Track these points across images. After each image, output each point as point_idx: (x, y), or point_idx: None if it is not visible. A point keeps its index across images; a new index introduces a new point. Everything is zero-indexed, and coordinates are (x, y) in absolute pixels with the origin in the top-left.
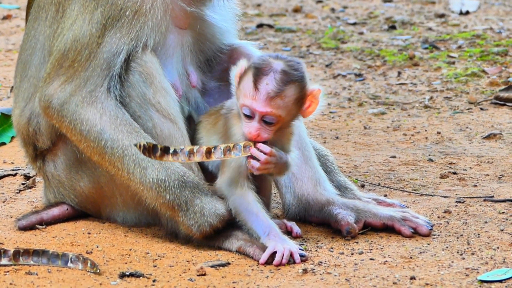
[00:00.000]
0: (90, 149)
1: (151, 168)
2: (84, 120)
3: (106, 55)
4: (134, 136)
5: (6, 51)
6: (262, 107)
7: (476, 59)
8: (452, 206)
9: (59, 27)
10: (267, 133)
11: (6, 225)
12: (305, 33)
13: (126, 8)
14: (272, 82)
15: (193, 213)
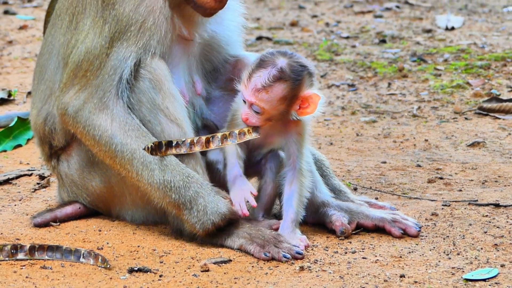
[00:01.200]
0: (102, 153)
1: (158, 170)
2: (97, 126)
3: (114, 63)
4: (142, 140)
5: (22, 59)
6: (248, 96)
7: (461, 72)
8: (439, 209)
9: (72, 38)
10: (255, 119)
11: (22, 222)
12: (301, 46)
13: (131, 24)
14: (264, 76)
15: (197, 211)
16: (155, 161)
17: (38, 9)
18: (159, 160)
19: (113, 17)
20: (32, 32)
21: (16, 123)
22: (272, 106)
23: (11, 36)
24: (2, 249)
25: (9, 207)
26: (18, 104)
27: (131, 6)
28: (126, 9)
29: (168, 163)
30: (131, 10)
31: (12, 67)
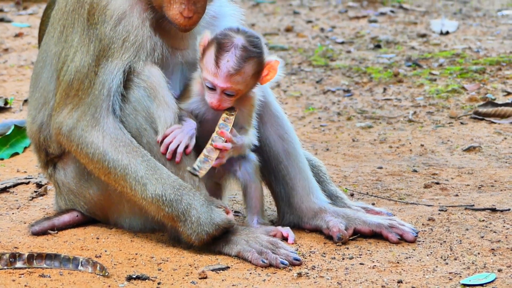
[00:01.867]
0: (97, 170)
1: (150, 184)
2: (89, 144)
3: (102, 78)
4: (133, 155)
5: (18, 67)
6: (223, 83)
7: (456, 77)
8: (435, 214)
9: (63, 51)
10: (228, 103)
11: (20, 230)
12: (296, 51)
13: (113, 42)
14: (232, 59)
15: (191, 223)
16: (146, 175)
17: (33, 17)
18: (151, 174)
19: (96, 36)
20: (27, 40)
21: (13, 131)
22: (246, 85)
23: (6, 43)
24: (0, 258)
25: (6, 215)
26: (14, 112)
27: (111, 26)
28: (107, 29)
29: (159, 176)
30: (111, 30)
31: (8, 75)
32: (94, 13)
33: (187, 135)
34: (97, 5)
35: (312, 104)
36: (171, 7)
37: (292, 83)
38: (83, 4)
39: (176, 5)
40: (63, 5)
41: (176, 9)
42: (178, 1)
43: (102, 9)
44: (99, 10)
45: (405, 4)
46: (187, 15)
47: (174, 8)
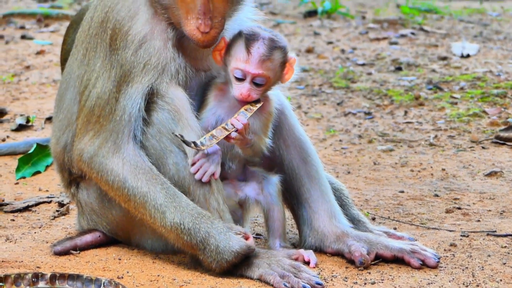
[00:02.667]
0: (117, 197)
1: (168, 212)
2: (109, 171)
3: (123, 104)
4: (153, 182)
5: (40, 84)
6: (255, 69)
7: (477, 100)
8: (457, 240)
9: (85, 74)
10: (256, 93)
11: (42, 249)
12: (317, 73)
13: (133, 66)
14: (262, 47)
15: (210, 251)
16: (165, 203)
17: (55, 34)
18: (169, 201)
19: (117, 62)
20: (49, 57)
21: (35, 150)
22: (275, 73)
23: (28, 61)
24: (23, 278)
25: (29, 234)
26: (36, 130)
27: (132, 51)
28: (128, 54)
29: (178, 204)
30: (132, 55)
31: (30, 93)
32: (116, 38)
33: (213, 163)
34: (119, 30)
35: (333, 126)
36: (188, 22)
37: (313, 105)
38: (105, 29)
39: (193, 21)
40: (87, 27)
41: (193, 25)
42: (195, 16)
43: (124, 35)
44: (121, 35)
45: (425, 27)
46: (204, 30)
47: (191, 24)
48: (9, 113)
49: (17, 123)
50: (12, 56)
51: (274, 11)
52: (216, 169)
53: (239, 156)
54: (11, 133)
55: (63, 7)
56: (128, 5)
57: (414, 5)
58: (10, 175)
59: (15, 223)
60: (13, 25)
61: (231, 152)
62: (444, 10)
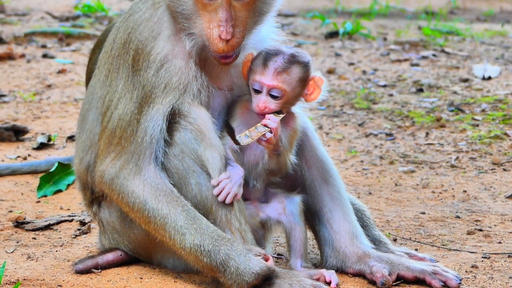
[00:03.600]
0: (138, 218)
1: (188, 234)
2: (130, 193)
3: (145, 125)
4: (173, 205)
5: (61, 103)
6: (269, 81)
7: (498, 122)
8: (478, 261)
9: (107, 95)
10: (273, 105)
11: (64, 268)
12: (338, 94)
13: (154, 87)
14: (280, 60)
15: (230, 273)
16: (185, 225)
17: (76, 53)
18: (189, 224)
19: (140, 83)
20: (70, 76)
21: (57, 168)
22: (292, 88)
23: (50, 80)
24: None
25: (50, 253)
26: (57, 148)
27: (153, 71)
28: (149, 74)
29: (198, 226)
30: (153, 75)
31: (51, 111)
32: (139, 59)
33: (236, 184)
34: (142, 51)
35: (355, 147)
36: (209, 32)
37: (334, 126)
38: (128, 50)
39: (215, 29)
40: (109, 49)
41: (215, 33)
42: (216, 24)
43: (146, 55)
44: (143, 56)
45: (447, 48)
46: (225, 37)
47: (212, 32)
48: (30, 132)
49: (38, 141)
50: (33, 75)
51: (295, 31)
52: (239, 190)
53: (263, 175)
54: (33, 151)
55: (84, 26)
56: (151, 25)
57: (435, 27)
58: (31, 193)
59: (36, 242)
60: (35, 44)
61: (255, 171)
62: (466, 32)
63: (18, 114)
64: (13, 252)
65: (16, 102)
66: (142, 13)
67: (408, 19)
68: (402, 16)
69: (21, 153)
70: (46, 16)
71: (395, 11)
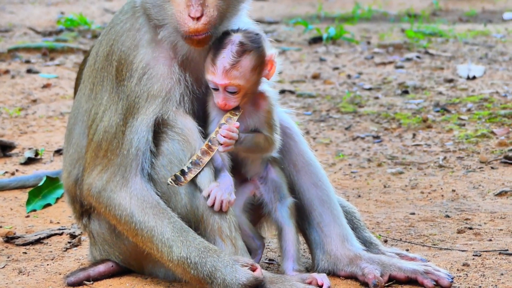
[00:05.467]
0: (125, 231)
1: (175, 247)
2: (117, 205)
3: (130, 137)
4: (160, 217)
5: (47, 118)
6: (221, 80)
7: (485, 121)
8: (469, 260)
9: (92, 109)
10: (233, 101)
11: (56, 281)
12: (324, 98)
13: (138, 96)
14: (228, 55)
15: (217, 285)
16: (172, 238)
17: (60, 67)
18: (176, 236)
19: (124, 93)
20: (55, 91)
21: (45, 182)
22: (246, 80)
23: (35, 95)
24: None
25: (41, 266)
26: (45, 163)
27: (136, 79)
28: (133, 83)
29: (185, 238)
30: (136, 84)
31: (37, 126)
32: (122, 69)
33: (226, 191)
34: (124, 61)
35: (342, 150)
36: (180, 15)
37: (321, 130)
38: (111, 62)
39: (184, 10)
40: (92, 62)
41: (184, 14)
42: (185, 4)
43: (129, 64)
44: (126, 65)
45: (431, 50)
46: (194, 14)
47: (182, 14)
48: (17, 147)
49: (25, 156)
50: (18, 90)
51: (279, 38)
52: (230, 197)
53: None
54: (20, 166)
55: (68, 40)
56: (132, 34)
57: (418, 29)
58: (20, 208)
59: (27, 256)
60: (19, 60)
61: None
62: (449, 33)
63: (4, 129)
64: (4, 267)
65: (1, 117)
66: (123, 24)
67: (391, 22)
68: (385, 20)
69: (8, 168)
70: (29, 32)
71: (377, 15)
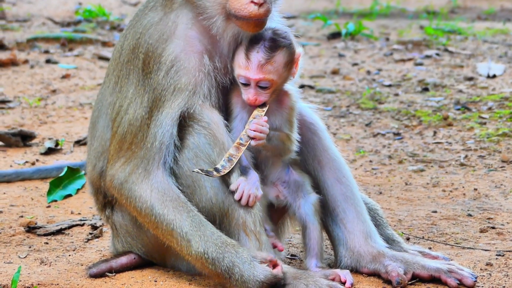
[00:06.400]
0: (146, 223)
1: (194, 241)
2: (138, 197)
3: (154, 131)
4: (179, 210)
5: (67, 108)
6: (255, 75)
7: (506, 120)
8: (493, 259)
9: (117, 101)
10: (264, 96)
11: (78, 272)
12: (344, 94)
13: (164, 89)
14: (262, 50)
15: (235, 280)
16: (191, 232)
17: (79, 58)
18: (194, 230)
19: (150, 86)
20: (74, 81)
21: (66, 173)
22: (279, 75)
23: (54, 85)
24: None
25: (63, 257)
26: (65, 153)
27: (163, 72)
28: (160, 76)
29: (203, 233)
30: (163, 77)
31: (57, 116)
32: (149, 62)
33: (253, 186)
34: (152, 53)
35: (363, 147)
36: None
37: (341, 126)
38: (137, 55)
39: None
40: (117, 56)
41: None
42: None
43: (157, 57)
44: (154, 58)
45: (450, 47)
46: (259, 1)
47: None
48: (37, 137)
49: (46, 146)
50: (37, 80)
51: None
52: (258, 192)
53: (270, 158)
54: (40, 156)
55: (86, 31)
56: (160, 28)
57: (437, 26)
58: (41, 198)
59: (49, 246)
60: (37, 50)
61: (260, 155)
62: (468, 31)
63: (24, 119)
64: (26, 257)
65: (21, 107)
66: (151, 18)
67: (409, 19)
68: (403, 16)
69: (29, 158)
70: (47, 22)
71: (395, 11)
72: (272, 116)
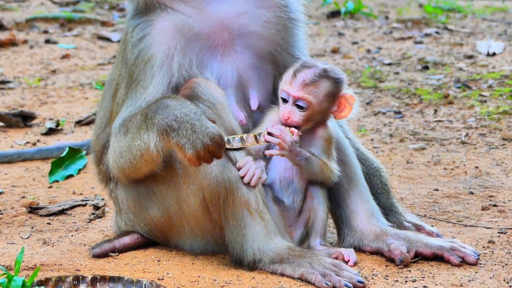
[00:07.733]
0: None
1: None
2: None
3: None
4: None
5: (67, 88)
6: (296, 92)
7: (506, 98)
8: (495, 237)
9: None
10: (297, 118)
11: (81, 252)
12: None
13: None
14: (310, 73)
15: (185, 129)
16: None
17: (78, 38)
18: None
19: (126, 66)
20: (74, 61)
21: (68, 153)
22: (318, 101)
23: (54, 65)
24: (64, 280)
25: (66, 237)
26: (66, 133)
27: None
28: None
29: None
30: (130, 51)
31: (57, 96)
32: (125, 37)
33: (260, 168)
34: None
35: (364, 125)
36: None
37: None
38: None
39: None
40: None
41: None
42: None
43: (130, 37)
44: (128, 41)
45: (449, 25)
46: None
47: None
48: (38, 117)
49: (47, 127)
50: (37, 61)
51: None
52: (262, 175)
53: (300, 192)
54: (41, 137)
55: (85, 11)
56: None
57: (436, 4)
58: (43, 178)
59: (51, 227)
60: (36, 30)
61: (291, 187)
62: (467, 9)
63: (24, 100)
64: (28, 238)
65: (21, 88)
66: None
67: None
68: None
69: (30, 138)
70: (46, 2)
71: None
72: (307, 146)
